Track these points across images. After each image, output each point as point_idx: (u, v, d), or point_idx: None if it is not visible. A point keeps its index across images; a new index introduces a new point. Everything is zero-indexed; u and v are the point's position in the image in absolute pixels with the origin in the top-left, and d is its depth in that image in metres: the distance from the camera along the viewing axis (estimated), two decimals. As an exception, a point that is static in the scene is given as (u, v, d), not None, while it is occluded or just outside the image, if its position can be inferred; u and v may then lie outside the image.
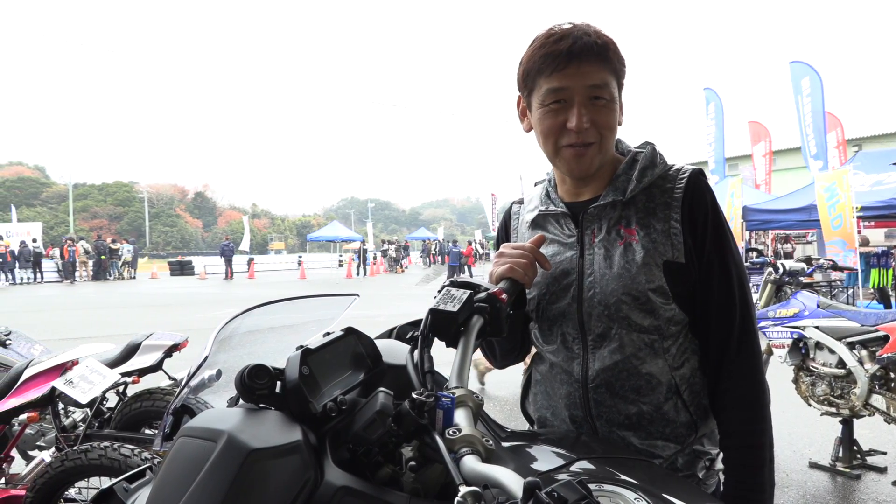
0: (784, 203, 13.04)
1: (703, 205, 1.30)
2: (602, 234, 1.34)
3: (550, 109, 1.29)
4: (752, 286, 6.00)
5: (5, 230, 33.46)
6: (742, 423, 1.28)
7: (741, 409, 1.28)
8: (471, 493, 0.77)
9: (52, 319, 13.62)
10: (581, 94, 1.25)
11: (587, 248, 1.35)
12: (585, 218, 1.37)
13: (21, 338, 4.24)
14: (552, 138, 1.31)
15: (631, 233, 1.31)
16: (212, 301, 17.74)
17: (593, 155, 1.30)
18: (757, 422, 1.28)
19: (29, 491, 2.71)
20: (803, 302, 4.66)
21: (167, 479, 0.96)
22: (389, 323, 1.35)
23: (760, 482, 1.26)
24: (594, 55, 1.24)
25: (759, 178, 19.18)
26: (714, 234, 1.30)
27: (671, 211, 1.30)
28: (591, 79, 1.25)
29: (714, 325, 1.31)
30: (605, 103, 1.27)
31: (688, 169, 1.34)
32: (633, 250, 1.30)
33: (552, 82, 1.26)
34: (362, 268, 33.10)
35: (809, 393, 4.58)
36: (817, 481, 4.33)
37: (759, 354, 1.32)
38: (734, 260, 1.31)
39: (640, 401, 1.30)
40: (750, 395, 1.28)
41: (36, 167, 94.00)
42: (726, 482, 1.29)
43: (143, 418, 3.65)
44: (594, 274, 1.33)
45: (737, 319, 1.29)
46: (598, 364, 1.32)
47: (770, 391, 1.32)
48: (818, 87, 14.37)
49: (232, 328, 1.39)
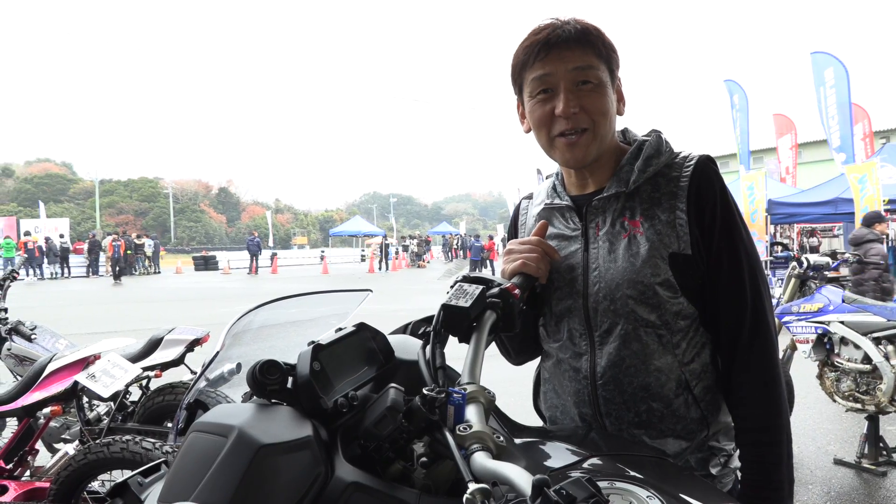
0: (810, 196, 12.84)
1: (710, 193, 1.26)
2: (606, 227, 1.31)
3: (539, 100, 1.28)
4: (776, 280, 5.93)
5: (34, 226, 34.07)
6: (757, 418, 1.24)
7: (756, 404, 1.24)
8: (480, 490, 0.77)
9: (79, 314, 13.86)
10: (566, 78, 1.24)
11: (591, 242, 1.33)
12: (589, 210, 1.34)
13: (46, 332, 4.31)
14: (544, 129, 1.29)
15: (635, 224, 1.28)
16: (234, 296, 17.94)
17: (587, 143, 1.27)
18: (773, 417, 1.23)
19: (53, 483, 2.76)
20: (828, 296, 4.58)
21: (179, 474, 0.97)
22: (411, 318, 1.35)
23: (778, 479, 1.22)
24: (574, 40, 1.23)
25: (784, 172, 18.89)
26: (723, 224, 1.25)
27: (677, 200, 1.26)
28: (572, 62, 1.23)
29: (725, 317, 1.27)
30: (593, 87, 1.25)
31: (695, 156, 1.30)
32: (637, 243, 1.27)
33: (535, 71, 1.26)
34: (384, 262, 33.23)
35: (834, 389, 4.51)
36: (842, 478, 4.26)
37: (774, 347, 1.27)
38: (745, 249, 1.27)
39: (649, 397, 1.27)
40: (765, 389, 1.24)
41: (63, 164, 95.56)
42: (743, 480, 1.26)
43: (165, 412, 3.70)
44: (599, 268, 1.30)
45: (748, 310, 1.25)
46: (606, 360, 1.30)
47: (793, 386, 1.28)
48: (843, 78, 14.07)
49: (245, 323, 1.40)
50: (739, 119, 18.00)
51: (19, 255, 26.16)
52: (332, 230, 54.55)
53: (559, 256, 1.34)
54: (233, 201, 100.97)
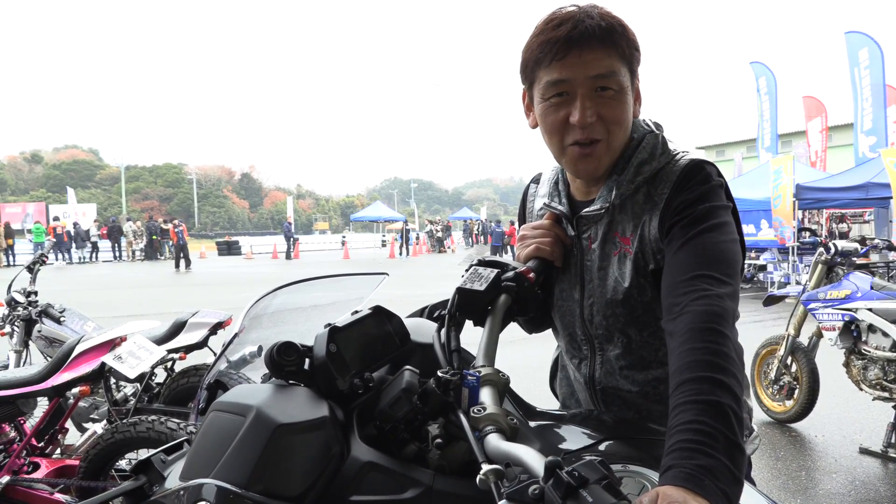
0: (839, 181, 12.52)
1: (684, 203, 1.13)
2: (598, 241, 1.25)
3: (552, 104, 1.17)
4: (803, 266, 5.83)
5: (62, 211, 34.68)
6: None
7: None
8: (493, 471, 0.77)
9: (106, 298, 14.12)
10: (584, 85, 1.13)
11: (585, 254, 1.28)
12: (580, 222, 1.28)
13: (74, 315, 4.41)
14: (556, 136, 1.19)
15: (626, 242, 1.21)
16: (257, 280, 18.12)
17: (600, 155, 1.18)
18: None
19: (83, 461, 2.83)
20: (856, 283, 4.50)
21: (199, 452, 0.99)
22: (431, 302, 1.35)
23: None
24: (597, 40, 1.11)
25: (814, 155, 18.51)
26: (686, 225, 1.10)
27: (657, 212, 1.16)
28: (594, 68, 1.12)
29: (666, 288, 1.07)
30: (614, 94, 1.15)
31: (685, 161, 1.19)
32: (626, 262, 1.21)
33: (552, 73, 1.14)
34: (405, 248, 33.30)
35: (861, 377, 4.44)
36: (867, 467, 4.21)
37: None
38: (708, 239, 1.08)
39: (647, 403, 1.27)
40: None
41: (90, 150, 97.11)
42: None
43: (189, 393, 3.76)
44: (592, 282, 1.26)
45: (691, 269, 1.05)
46: (603, 369, 1.29)
47: (818, 374, 1.24)
48: (878, 58, 13.73)
49: (263, 306, 1.42)
50: (767, 102, 17.67)
51: (49, 239, 26.66)
52: (354, 215, 54.75)
53: (570, 241, 1.31)
54: (255, 187, 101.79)
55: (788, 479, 4.03)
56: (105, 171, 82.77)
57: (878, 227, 14.91)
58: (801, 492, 3.86)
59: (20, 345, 4.24)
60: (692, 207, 1.12)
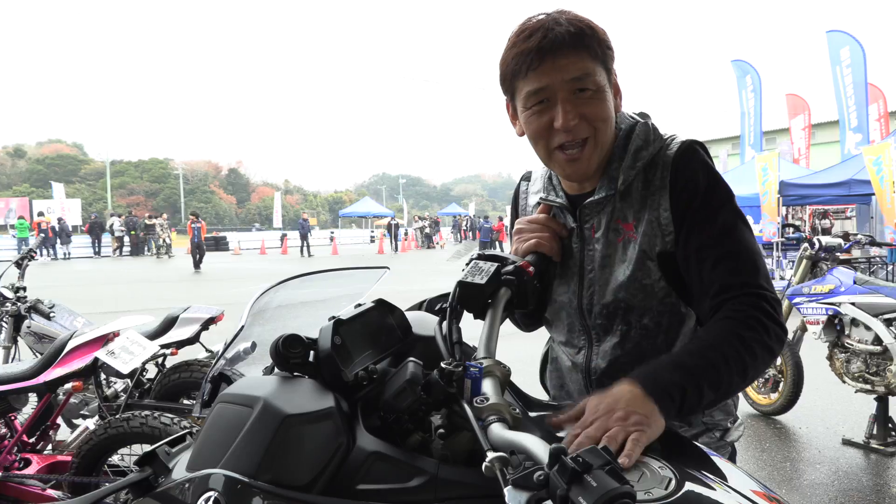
0: (822, 178, 12.67)
1: (689, 181, 1.20)
2: (601, 230, 1.28)
3: (534, 111, 1.20)
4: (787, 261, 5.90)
5: (46, 206, 34.25)
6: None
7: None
8: (498, 458, 0.80)
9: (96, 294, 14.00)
10: (563, 89, 1.16)
11: (587, 244, 1.30)
12: (582, 213, 1.30)
13: (64, 310, 4.38)
14: (542, 141, 1.23)
15: (629, 228, 1.25)
16: (246, 276, 18.04)
17: (589, 153, 1.22)
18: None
19: (75, 457, 2.83)
20: (839, 278, 4.57)
21: (207, 443, 1.01)
22: (422, 298, 1.37)
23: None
24: (568, 46, 1.14)
25: (797, 153, 18.69)
26: (703, 201, 1.20)
27: (661, 196, 1.22)
28: (569, 72, 1.15)
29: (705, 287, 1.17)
30: (592, 94, 1.18)
31: (678, 143, 1.24)
32: (630, 248, 1.24)
33: (530, 84, 1.18)
34: (393, 243, 33.27)
35: (844, 370, 4.52)
36: (850, 458, 4.29)
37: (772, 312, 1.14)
38: (727, 224, 1.20)
39: None
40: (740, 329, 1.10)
41: (74, 144, 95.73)
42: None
43: (181, 389, 3.76)
44: (594, 271, 1.29)
45: (734, 269, 1.16)
46: (601, 359, 1.31)
47: (803, 367, 1.28)
48: (860, 57, 13.89)
49: (265, 301, 1.43)
50: (752, 100, 17.80)
51: (33, 235, 26.33)
52: (342, 211, 54.64)
53: (567, 233, 1.33)
54: (242, 182, 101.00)
55: (773, 470, 4.10)
56: (90, 166, 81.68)
57: (859, 224, 15.10)
58: (786, 482, 3.93)
59: (8, 341, 4.21)
60: (704, 194, 1.21)
